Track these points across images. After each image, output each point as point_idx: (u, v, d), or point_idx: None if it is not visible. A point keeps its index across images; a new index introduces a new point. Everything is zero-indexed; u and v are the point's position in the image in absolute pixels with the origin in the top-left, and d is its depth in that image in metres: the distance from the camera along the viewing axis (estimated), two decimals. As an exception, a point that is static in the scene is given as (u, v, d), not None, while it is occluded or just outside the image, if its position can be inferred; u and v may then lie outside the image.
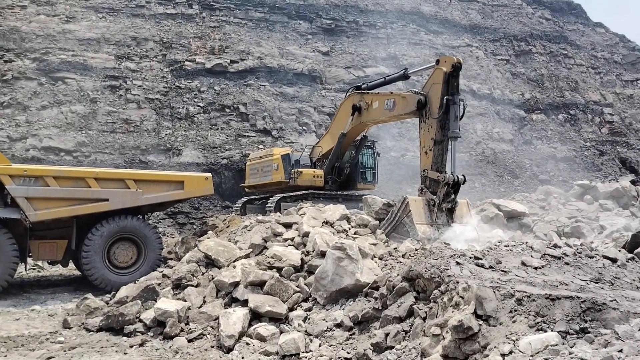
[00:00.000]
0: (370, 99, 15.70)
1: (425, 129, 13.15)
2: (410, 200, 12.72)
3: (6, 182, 12.30)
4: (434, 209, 12.72)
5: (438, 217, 12.86)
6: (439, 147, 12.92)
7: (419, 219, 12.70)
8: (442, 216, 12.86)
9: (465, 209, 13.35)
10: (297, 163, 18.55)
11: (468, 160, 31.81)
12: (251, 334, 8.43)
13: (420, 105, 13.21)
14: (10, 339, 9.05)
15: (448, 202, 12.77)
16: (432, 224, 12.90)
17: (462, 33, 38.66)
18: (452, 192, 12.73)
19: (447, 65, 13.03)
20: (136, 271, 13.40)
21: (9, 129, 23.48)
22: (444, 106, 12.71)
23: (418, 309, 6.82)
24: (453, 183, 12.60)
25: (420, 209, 12.81)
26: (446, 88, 12.87)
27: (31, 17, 27.41)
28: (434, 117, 12.87)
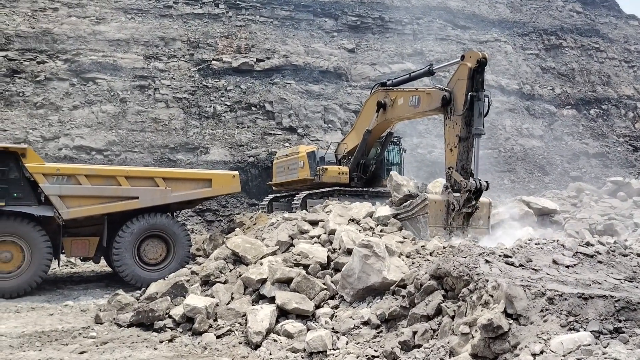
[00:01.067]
0: (394, 96, 15.58)
1: (450, 126, 12.94)
2: (430, 202, 12.48)
3: (40, 181, 12.63)
4: (452, 213, 12.50)
5: (455, 219, 12.62)
6: (464, 144, 12.67)
7: (434, 222, 12.52)
8: (459, 218, 12.63)
9: (485, 210, 13.04)
10: (322, 160, 18.56)
11: (497, 157, 31.34)
12: (278, 330, 8.48)
13: (445, 101, 13.01)
14: (44, 333, 9.30)
15: (468, 208, 12.54)
16: (445, 227, 12.70)
17: (490, 28, 38.05)
18: (474, 199, 12.56)
19: (472, 60, 12.77)
20: (165, 268, 13.62)
21: (42, 128, 24.10)
22: (468, 102, 12.48)
23: (446, 307, 6.75)
24: (475, 190, 12.33)
25: (438, 211, 12.60)
26: (471, 84, 12.62)
27: (63, 19, 28.05)
28: (458, 114, 12.64)
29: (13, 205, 12.42)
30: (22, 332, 9.38)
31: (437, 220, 12.55)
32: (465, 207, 12.42)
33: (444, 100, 13.00)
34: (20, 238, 12.39)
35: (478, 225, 12.88)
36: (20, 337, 9.05)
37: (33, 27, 27.03)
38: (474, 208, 12.54)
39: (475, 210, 12.58)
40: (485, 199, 12.93)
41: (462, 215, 12.51)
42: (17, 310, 11.02)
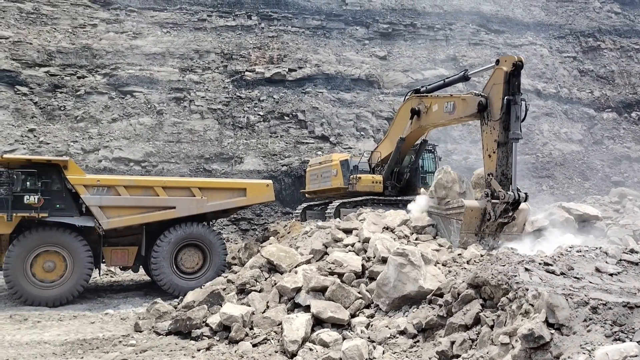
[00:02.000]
0: (429, 102, 15.43)
1: (487, 132, 12.68)
2: (467, 209, 12.20)
3: (81, 192, 13.01)
4: (487, 222, 12.21)
5: (489, 227, 12.33)
6: (502, 150, 12.39)
7: (466, 228, 12.26)
8: (492, 226, 12.32)
9: (521, 217, 12.65)
10: (356, 169, 18.47)
11: (535, 162, 30.65)
12: (314, 339, 8.46)
13: (481, 107, 12.77)
14: (86, 341, 9.53)
15: (505, 218, 12.17)
16: (477, 233, 12.42)
17: (524, 31, 37.37)
18: (511, 210, 12.09)
19: (507, 64, 12.57)
20: (202, 276, 13.80)
21: (82, 141, 24.86)
22: (505, 107, 12.20)
23: (485, 316, 6.62)
24: (513, 201, 11.89)
25: (473, 218, 12.32)
26: (507, 88, 12.36)
27: (101, 34, 28.96)
28: (495, 119, 12.39)
29: (56, 216, 12.83)
30: (64, 339, 9.64)
31: (470, 227, 12.32)
32: (502, 218, 12.10)
33: (480, 106, 12.76)
34: (63, 248, 12.77)
35: (511, 232, 12.55)
36: (63, 345, 9.30)
37: (73, 43, 27.98)
38: (510, 219, 12.22)
39: (512, 220, 12.27)
40: (524, 205, 12.50)
41: (496, 224, 12.23)
42: (60, 318, 11.33)
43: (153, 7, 30.89)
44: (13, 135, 23.56)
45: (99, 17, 29.60)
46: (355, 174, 18.03)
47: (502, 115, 12.23)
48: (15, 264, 12.33)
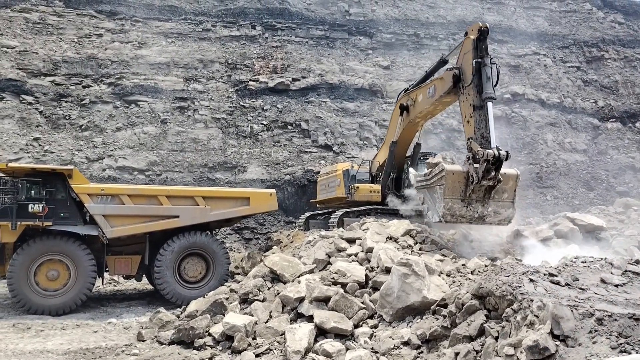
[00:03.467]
0: (415, 95, 15.76)
1: (463, 100, 12.83)
2: (447, 173, 12.13)
3: (85, 201, 13.03)
4: (472, 185, 12.01)
5: (475, 191, 12.11)
6: (479, 113, 12.36)
7: (450, 193, 12.18)
8: (479, 191, 12.10)
9: (511, 182, 12.31)
10: (353, 178, 18.53)
11: (539, 172, 30.60)
12: (317, 350, 8.42)
13: (455, 78, 13.00)
14: (89, 350, 9.51)
15: (489, 180, 11.90)
16: (463, 199, 12.26)
17: (528, 41, 37.46)
18: (493, 169, 11.79)
19: (473, 32, 12.86)
20: (205, 285, 13.78)
21: (87, 150, 24.95)
22: (475, 69, 12.45)
23: (489, 327, 6.58)
24: (494, 159, 11.65)
25: (456, 182, 12.20)
26: (476, 53, 12.66)
27: (106, 44, 29.16)
28: (467, 84, 12.58)
29: (60, 224, 12.85)
30: (67, 349, 9.61)
31: (454, 192, 12.21)
32: (486, 180, 11.86)
33: (455, 78, 13.05)
34: (67, 256, 12.77)
35: (502, 199, 12.33)
36: (65, 354, 9.28)
37: (79, 52, 28.19)
38: (495, 181, 11.94)
39: (498, 183, 12.02)
40: (512, 170, 12.46)
41: (483, 188, 12.05)
42: (63, 327, 11.31)
43: (158, 17, 31.12)
44: (18, 144, 23.67)
45: (104, 27, 29.83)
46: (353, 183, 18.08)
47: (473, 78, 12.44)
48: (19, 272, 12.34)
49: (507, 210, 12.45)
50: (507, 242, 13.54)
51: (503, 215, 12.47)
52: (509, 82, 34.31)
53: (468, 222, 12.62)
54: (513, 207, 12.48)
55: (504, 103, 33.09)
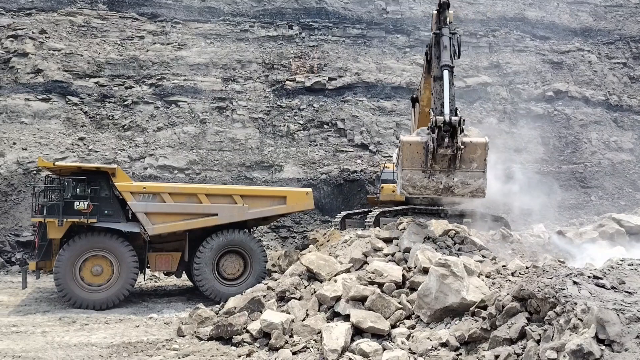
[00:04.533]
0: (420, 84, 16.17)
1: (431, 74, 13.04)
2: (404, 144, 11.87)
3: (128, 199, 13.39)
4: (430, 155, 11.59)
5: (437, 162, 11.69)
6: (439, 83, 12.20)
7: (409, 165, 11.88)
8: (442, 161, 11.66)
9: (479, 151, 11.67)
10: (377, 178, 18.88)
11: (582, 172, 29.69)
12: (354, 349, 8.41)
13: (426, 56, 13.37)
14: (131, 344, 9.78)
15: (446, 148, 11.43)
16: (425, 170, 11.84)
17: (571, 37, 36.34)
18: (447, 136, 11.36)
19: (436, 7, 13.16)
20: (243, 283, 13.96)
21: (129, 149, 25.62)
22: (433, 40, 12.74)
23: (531, 330, 6.43)
24: (445, 125, 11.25)
25: (415, 153, 11.84)
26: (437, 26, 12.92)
27: (148, 46, 29.85)
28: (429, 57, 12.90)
29: (104, 221, 13.25)
30: (110, 342, 9.91)
31: (413, 163, 11.87)
32: (443, 148, 11.43)
33: (427, 56, 13.41)
34: (110, 253, 13.16)
35: (471, 169, 11.71)
36: (109, 348, 9.57)
37: (121, 54, 28.96)
38: (453, 149, 11.43)
39: (457, 151, 11.46)
40: (481, 138, 11.91)
41: (447, 158, 11.59)
42: (107, 321, 11.66)
43: (197, 19, 31.66)
44: (64, 144, 24.51)
45: (146, 29, 30.54)
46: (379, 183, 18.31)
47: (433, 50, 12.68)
48: (65, 267, 12.77)
49: (477, 181, 11.73)
50: (549, 244, 13.21)
51: (473, 186, 11.78)
52: (552, 80, 33.40)
53: (434, 193, 12.22)
54: (484, 177, 11.72)
55: (546, 101, 32.25)
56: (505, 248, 12.31)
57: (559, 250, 12.85)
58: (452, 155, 11.53)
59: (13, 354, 9.04)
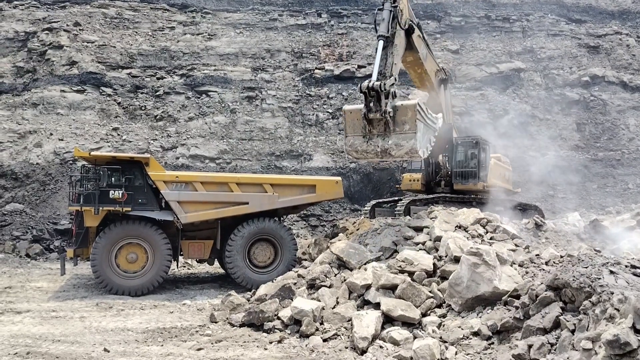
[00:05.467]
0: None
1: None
2: (346, 111, 12.94)
3: (161, 188, 13.63)
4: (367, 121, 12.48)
5: (375, 126, 12.47)
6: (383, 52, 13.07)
7: (352, 131, 12.90)
8: (379, 125, 12.40)
9: (410, 113, 12.19)
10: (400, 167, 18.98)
11: (620, 159, 28.85)
12: (384, 337, 8.43)
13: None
14: (165, 330, 10.01)
15: (375, 112, 12.24)
16: (365, 135, 12.66)
17: (609, 20, 35.16)
18: (372, 99, 12.25)
19: None
20: (273, 270, 14.10)
21: (161, 139, 26.05)
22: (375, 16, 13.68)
23: (565, 320, 6.33)
24: (369, 90, 12.14)
25: (355, 120, 12.77)
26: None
27: (178, 37, 30.18)
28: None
29: (138, 210, 13.52)
30: (146, 327, 10.16)
31: (354, 129, 12.84)
32: (372, 112, 12.28)
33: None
34: (145, 240, 13.44)
35: (404, 131, 12.27)
36: (144, 333, 9.82)
37: (153, 45, 29.36)
38: (380, 112, 12.20)
39: (385, 114, 12.15)
40: (411, 101, 12.66)
41: (382, 122, 12.29)
42: (142, 307, 11.95)
43: (227, 9, 31.81)
44: (99, 134, 25.08)
45: (176, 19, 30.86)
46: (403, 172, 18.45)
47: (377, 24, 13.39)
48: (102, 255, 13.12)
49: (408, 142, 12.19)
50: (585, 232, 12.93)
51: (405, 147, 12.28)
52: (588, 65, 32.43)
53: (375, 157, 12.92)
54: (415, 137, 12.16)
55: (581, 86, 31.36)
56: (539, 237, 12.09)
57: (595, 238, 12.57)
58: (386, 119, 12.27)
59: (53, 338, 9.37)
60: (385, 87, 12.25)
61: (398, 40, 13.46)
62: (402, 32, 13.73)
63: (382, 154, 12.64)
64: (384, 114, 12.20)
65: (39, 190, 22.47)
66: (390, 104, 12.20)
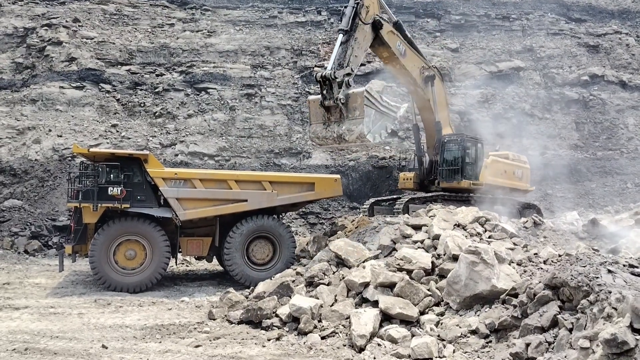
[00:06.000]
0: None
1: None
2: (310, 101, 14.35)
3: (160, 185, 13.62)
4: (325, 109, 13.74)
5: (332, 114, 13.70)
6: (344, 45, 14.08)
7: (315, 119, 14.22)
8: (336, 113, 13.60)
9: (359, 100, 13.22)
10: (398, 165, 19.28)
11: (619, 158, 28.89)
12: (382, 335, 8.45)
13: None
14: (164, 326, 10.01)
15: (328, 100, 13.49)
16: (325, 122, 13.88)
17: (608, 19, 35.17)
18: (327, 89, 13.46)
19: None
20: (272, 268, 14.11)
21: (160, 136, 26.01)
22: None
23: (563, 319, 6.34)
24: (323, 79, 13.38)
25: (317, 109, 14.03)
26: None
27: (178, 33, 30.11)
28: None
29: (137, 206, 13.51)
30: (144, 324, 10.17)
31: (317, 118, 14.13)
32: (327, 100, 13.52)
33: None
34: (143, 237, 13.43)
35: (354, 116, 13.33)
36: (142, 329, 9.82)
37: (152, 42, 29.29)
38: (332, 99, 13.39)
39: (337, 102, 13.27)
40: (360, 89, 13.55)
41: (338, 109, 13.44)
42: (140, 304, 11.95)
43: (226, 6, 31.76)
44: (98, 130, 25.05)
45: (176, 16, 30.81)
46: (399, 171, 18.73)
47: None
48: (100, 251, 13.11)
49: (358, 127, 13.16)
50: (584, 231, 12.95)
51: (355, 131, 13.26)
52: (587, 64, 32.44)
53: (333, 142, 14.06)
54: (363, 122, 13.13)
55: (581, 85, 31.37)
56: (537, 236, 12.11)
57: (593, 238, 12.59)
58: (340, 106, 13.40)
59: (51, 334, 9.37)
60: (335, 75, 13.28)
61: (360, 35, 14.32)
62: (367, 27, 14.55)
63: (338, 139, 13.71)
64: (336, 100, 13.32)
65: (37, 187, 22.45)
66: (343, 92, 13.30)
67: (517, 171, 18.86)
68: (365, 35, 14.55)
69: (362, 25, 14.36)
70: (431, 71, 17.11)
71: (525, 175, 19.46)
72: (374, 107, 13.37)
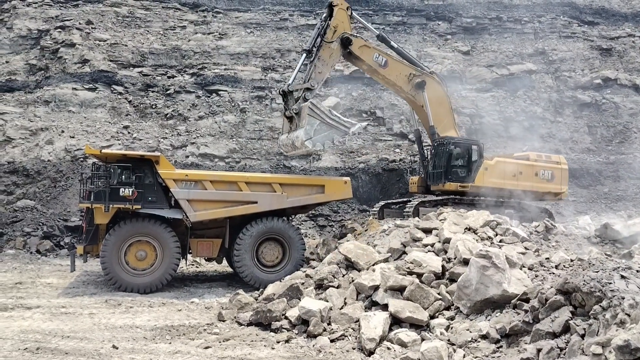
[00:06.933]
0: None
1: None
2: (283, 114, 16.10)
3: (171, 186, 13.69)
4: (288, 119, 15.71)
5: (293, 124, 15.46)
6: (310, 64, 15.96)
7: (284, 130, 16.03)
8: (293, 123, 15.42)
9: (304, 112, 14.82)
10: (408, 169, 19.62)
11: (632, 162, 28.58)
12: (392, 338, 8.42)
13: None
14: (173, 327, 10.05)
15: (288, 111, 15.49)
16: (289, 132, 15.64)
17: (622, 22, 34.85)
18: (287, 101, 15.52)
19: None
20: (281, 270, 14.12)
21: (171, 138, 26.16)
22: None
23: (575, 324, 6.28)
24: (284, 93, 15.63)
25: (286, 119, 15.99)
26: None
27: (189, 36, 30.30)
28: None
29: (148, 208, 13.58)
30: (154, 325, 10.21)
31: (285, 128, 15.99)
32: (288, 111, 15.56)
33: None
34: (154, 238, 13.50)
35: (301, 125, 14.85)
36: (152, 330, 9.87)
37: (164, 44, 29.49)
38: (289, 110, 15.41)
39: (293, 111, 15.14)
40: (307, 103, 14.88)
41: (295, 120, 15.22)
42: (150, 305, 12.00)
43: (238, 8, 31.90)
44: (109, 132, 25.24)
45: (187, 19, 30.99)
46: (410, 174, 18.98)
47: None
48: (111, 252, 13.19)
49: (299, 134, 14.74)
50: (596, 236, 12.83)
51: (299, 138, 14.77)
52: (600, 67, 32.17)
53: (291, 149, 15.66)
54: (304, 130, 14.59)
55: (593, 89, 31.11)
56: (549, 240, 12.01)
57: (605, 242, 12.46)
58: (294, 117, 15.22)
59: (62, 334, 9.44)
60: (291, 89, 15.41)
61: (325, 53, 15.90)
62: (334, 44, 16.02)
63: (292, 146, 15.32)
64: (292, 112, 15.22)
65: (50, 187, 22.66)
66: (298, 104, 15.08)
67: (544, 172, 18.00)
68: (332, 53, 16.05)
69: (328, 44, 15.88)
70: (422, 77, 17.18)
71: (558, 177, 18.15)
72: (319, 118, 14.68)
